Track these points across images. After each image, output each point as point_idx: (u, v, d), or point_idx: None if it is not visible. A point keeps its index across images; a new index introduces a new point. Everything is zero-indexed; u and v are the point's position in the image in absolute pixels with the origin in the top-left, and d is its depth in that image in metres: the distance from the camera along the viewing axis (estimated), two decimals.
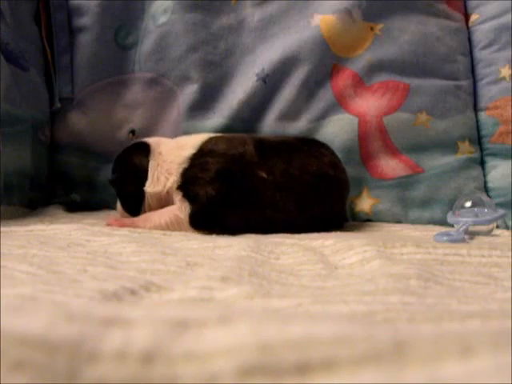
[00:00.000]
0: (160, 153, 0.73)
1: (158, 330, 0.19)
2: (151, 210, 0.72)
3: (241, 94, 0.90)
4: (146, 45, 0.94)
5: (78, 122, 0.95)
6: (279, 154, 0.69)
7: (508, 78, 0.88)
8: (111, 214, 0.83)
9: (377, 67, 0.88)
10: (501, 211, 0.70)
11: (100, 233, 0.56)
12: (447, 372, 0.17)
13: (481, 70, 0.91)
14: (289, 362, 0.18)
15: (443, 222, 0.77)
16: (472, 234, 0.64)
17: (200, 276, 0.36)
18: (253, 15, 0.93)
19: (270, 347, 0.18)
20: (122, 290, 0.31)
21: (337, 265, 0.45)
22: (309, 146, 0.73)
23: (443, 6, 0.92)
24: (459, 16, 0.93)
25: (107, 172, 0.95)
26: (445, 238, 0.57)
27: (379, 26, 0.90)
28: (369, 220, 0.87)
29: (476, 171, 0.87)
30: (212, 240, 0.54)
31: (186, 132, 0.90)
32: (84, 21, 0.94)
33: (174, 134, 0.91)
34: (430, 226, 0.80)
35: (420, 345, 0.18)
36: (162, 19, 0.93)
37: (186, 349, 0.18)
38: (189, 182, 0.68)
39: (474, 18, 0.93)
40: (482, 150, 0.89)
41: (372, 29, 0.89)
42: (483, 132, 0.89)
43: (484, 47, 0.91)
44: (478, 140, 0.89)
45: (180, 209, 0.67)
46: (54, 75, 0.94)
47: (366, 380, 0.17)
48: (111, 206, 0.95)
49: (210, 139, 0.72)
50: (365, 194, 0.87)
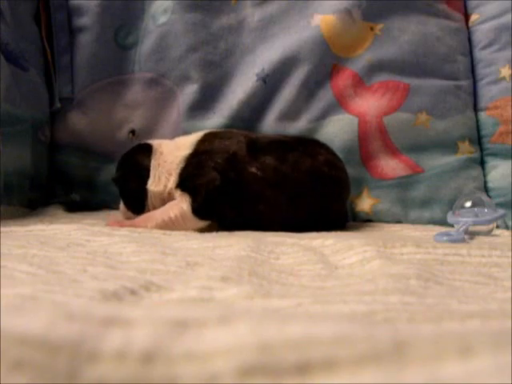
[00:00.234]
0: (161, 153, 0.75)
1: (158, 330, 0.19)
2: (154, 209, 0.73)
3: (241, 93, 0.90)
4: (146, 45, 0.94)
5: (78, 122, 0.95)
6: (272, 151, 0.71)
7: (508, 78, 0.88)
8: (111, 214, 0.83)
9: (377, 67, 0.88)
10: (501, 211, 0.70)
11: (100, 233, 0.56)
12: (447, 372, 0.17)
13: (481, 70, 0.91)
14: (289, 362, 0.18)
15: (443, 222, 0.77)
16: (472, 234, 0.64)
17: (200, 276, 0.36)
18: (253, 15, 0.93)
19: (270, 347, 0.18)
20: (122, 289, 0.31)
21: (337, 265, 0.45)
22: (305, 146, 0.74)
23: (443, 6, 0.92)
24: (459, 16, 0.93)
25: (107, 172, 0.95)
26: (445, 238, 0.57)
27: (379, 26, 0.90)
28: (369, 220, 0.87)
29: (476, 171, 0.87)
30: (212, 240, 0.54)
31: (186, 132, 0.90)
32: (84, 21, 0.94)
33: (174, 134, 0.91)
34: (430, 226, 0.80)
35: (420, 345, 0.18)
36: (162, 19, 0.93)
37: (186, 349, 0.18)
38: (186, 180, 0.71)
39: (474, 18, 0.93)
40: (481, 149, 0.89)
41: (372, 29, 0.89)
42: (483, 132, 0.89)
43: (484, 47, 0.91)
44: (478, 140, 0.89)
45: (181, 201, 0.69)
46: (54, 75, 0.94)
47: (366, 380, 0.17)
48: (111, 206, 0.95)
49: (204, 138, 0.75)
50: (365, 194, 0.87)
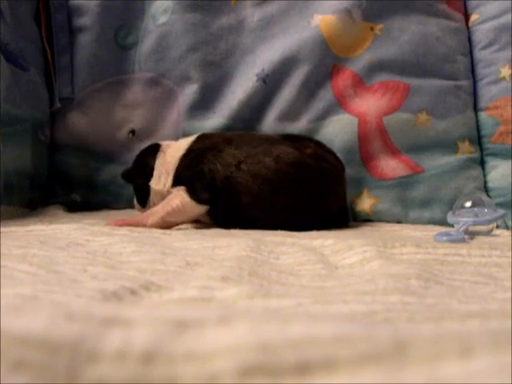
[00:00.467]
0: (165, 153, 0.79)
1: (158, 330, 0.19)
2: (155, 206, 0.75)
3: (241, 94, 0.90)
4: (146, 45, 0.94)
5: (78, 122, 0.95)
6: (257, 145, 0.73)
7: (508, 78, 0.88)
8: (111, 214, 0.83)
9: (377, 67, 0.88)
10: (501, 211, 0.70)
11: (100, 233, 0.56)
12: (447, 372, 0.17)
13: (481, 70, 0.91)
14: (289, 362, 0.18)
15: (443, 222, 0.77)
16: (472, 234, 0.64)
17: (200, 276, 0.36)
18: (253, 15, 0.93)
19: (270, 347, 0.18)
20: (122, 289, 0.31)
21: (337, 265, 0.45)
22: (292, 141, 0.74)
23: (443, 6, 0.92)
24: (459, 16, 0.93)
25: (107, 172, 0.95)
26: (445, 238, 0.57)
27: (379, 26, 0.89)
28: (369, 220, 0.87)
29: (476, 171, 0.87)
30: (212, 240, 0.54)
31: (186, 132, 0.90)
32: (84, 21, 0.94)
33: (175, 134, 0.91)
34: (430, 226, 0.80)
35: (420, 345, 0.18)
36: (162, 19, 0.93)
37: (186, 349, 0.18)
38: (180, 176, 0.75)
39: (474, 18, 0.93)
40: (481, 149, 0.89)
41: (372, 29, 0.89)
42: (483, 132, 0.89)
43: (484, 47, 0.91)
44: (477, 140, 0.89)
45: (178, 192, 0.72)
46: (54, 75, 0.94)
47: (366, 380, 0.17)
48: (111, 206, 0.95)
49: (197, 139, 0.78)
50: (365, 194, 0.87)
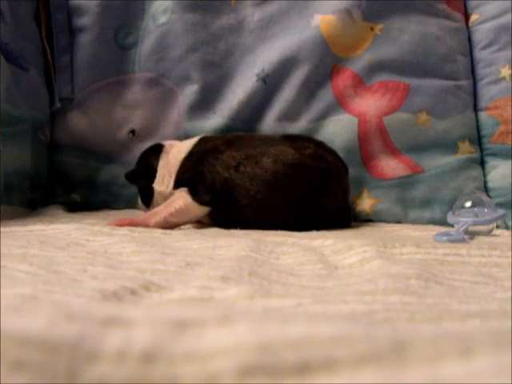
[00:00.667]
0: (168, 154, 0.79)
1: (158, 330, 0.19)
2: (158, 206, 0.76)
3: (241, 94, 0.90)
4: (146, 45, 0.94)
5: (78, 122, 0.95)
6: (256, 147, 0.73)
7: (508, 78, 0.88)
8: (111, 214, 0.83)
9: (377, 67, 0.88)
10: (501, 211, 0.70)
11: (100, 233, 0.56)
12: (447, 372, 0.17)
13: (481, 70, 0.91)
14: (289, 361, 0.18)
15: (443, 222, 0.77)
16: (472, 234, 0.64)
17: (200, 276, 0.36)
18: (253, 15, 0.92)
19: (270, 347, 0.18)
20: (122, 289, 0.31)
21: (337, 265, 0.45)
22: (291, 141, 0.74)
23: (443, 6, 0.92)
24: (459, 16, 0.93)
25: (107, 172, 0.95)
26: (445, 238, 0.57)
27: (379, 26, 0.89)
28: (369, 220, 0.87)
29: (476, 171, 0.87)
30: (212, 240, 0.54)
31: (187, 132, 0.91)
32: (84, 21, 0.94)
33: (175, 134, 0.91)
34: (430, 226, 0.80)
35: (420, 345, 0.18)
36: (162, 19, 0.93)
37: (186, 349, 0.18)
38: (181, 178, 0.75)
39: (474, 18, 0.93)
40: (481, 150, 0.89)
41: (372, 29, 0.89)
42: (483, 132, 0.89)
43: (484, 47, 0.91)
44: (477, 140, 0.89)
45: (181, 193, 0.72)
46: (54, 75, 0.94)
47: (366, 380, 0.17)
48: (111, 206, 0.95)
49: (198, 142, 0.79)
50: (365, 194, 0.87)
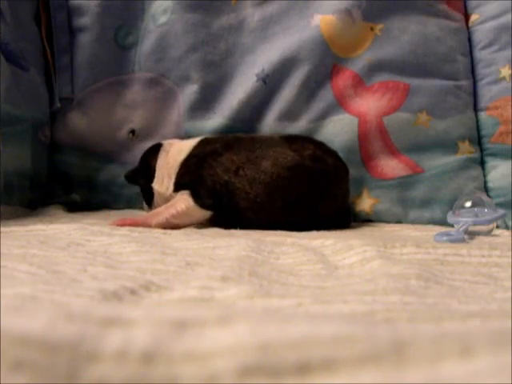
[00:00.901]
0: (167, 154, 0.79)
1: (158, 330, 0.19)
2: (157, 207, 0.75)
3: (241, 94, 0.90)
4: (146, 45, 0.94)
5: (78, 122, 0.95)
6: (255, 149, 0.73)
7: (508, 78, 0.88)
8: (111, 214, 0.83)
9: (377, 67, 0.88)
10: (501, 211, 0.70)
11: (100, 232, 0.56)
12: (447, 372, 0.17)
13: (481, 70, 0.91)
14: (289, 361, 0.18)
15: (443, 222, 0.77)
16: (472, 234, 0.64)
17: (200, 276, 0.36)
18: (253, 15, 0.92)
19: (270, 347, 0.18)
20: (122, 289, 0.31)
21: (337, 265, 0.45)
22: (291, 143, 0.74)
23: (443, 6, 0.92)
24: (459, 16, 0.93)
25: (107, 172, 0.95)
26: (445, 238, 0.57)
27: (379, 26, 0.89)
28: (369, 220, 0.87)
29: (476, 171, 0.87)
30: (212, 240, 0.54)
31: (187, 132, 0.91)
32: (84, 21, 0.94)
33: (175, 135, 0.91)
34: (430, 226, 0.80)
35: (420, 345, 0.18)
36: (162, 19, 0.93)
37: (186, 349, 0.18)
38: (181, 181, 0.75)
39: (474, 18, 0.93)
40: (481, 150, 0.89)
41: (372, 29, 0.89)
42: (483, 132, 0.89)
43: (484, 47, 0.91)
44: (478, 140, 0.89)
45: (183, 196, 0.71)
46: (54, 75, 0.94)
47: (366, 380, 0.17)
48: (111, 206, 0.95)
49: (198, 144, 0.78)
50: (365, 194, 0.87)
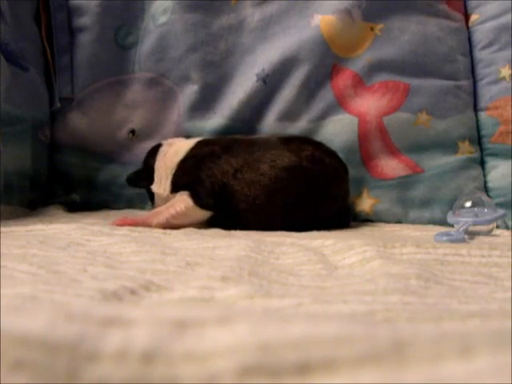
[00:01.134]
0: (165, 154, 0.78)
1: (158, 330, 0.19)
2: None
3: (241, 94, 0.90)
4: (146, 45, 0.94)
5: (78, 122, 0.95)
6: (253, 152, 0.73)
7: (508, 78, 0.88)
8: (111, 214, 0.83)
9: (377, 67, 0.88)
10: (501, 211, 0.70)
11: (100, 232, 0.56)
12: (447, 372, 0.17)
13: (481, 70, 0.91)
14: (289, 362, 0.18)
15: (443, 222, 0.77)
16: (472, 234, 0.64)
17: (200, 276, 0.36)
18: (253, 15, 0.92)
19: (270, 347, 0.18)
20: (122, 289, 0.31)
21: (337, 265, 0.45)
22: (289, 144, 0.74)
23: (443, 6, 0.92)
24: (459, 16, 0.93)
25: (107, 172, 0.95)
26: (445, 238, 0.57)
27: (379, 26, 0.89)
28: (369, 220, 0.87)
29: (476, 171, 0.87)
30: (212, 240, 0.54)
31: (187, 132, 0.91)
32: (84, 21, 0.94)
33: (176, 135, 0.91)
34: (430, 226, 0.80)
35: (420, 345, 0.18)
36: (162, 19, 0.93)
37: (186, 349, 0.18)
38: (177, 184, 0.74)
39: (474, 18, 0.93)
40: (481, 150, 0.89)
41: (372, 29, 0.89)
42: (483, 132, 0.89)
43: (484, 47, 0.91)
44: (478, 140, 0.89)
45: (183, 196, 0.71)
46: (54, 75, 0.94)
47: (366, 380, 0.17)
48: (111, 206, 0.95)
49: (195, 145, 0.77)
50: (365, 194, 0.87)
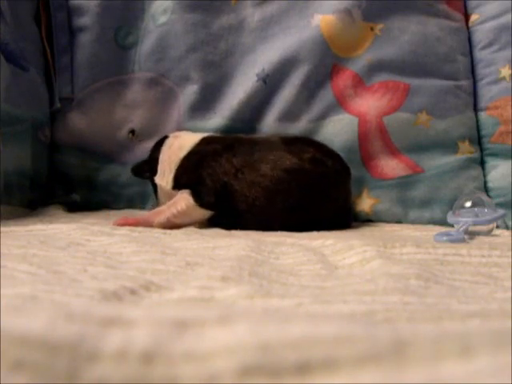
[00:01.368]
0: (170, 147, 0.79)
1: (158, 330, 0.19)
2: (160, 203, 0.77)
3: (241, 94, 0.90)
4: (146, 45, 0.94)
5: (78, 122, 0.95)
6: (255, 152, 0.73)
7: (508, 78, 0.88)
8: (111, 214, 0.83)
9: (377, 67, 0.88)
10: (501, 211, 0.70)
11: (100, 232, 0.56)
12: (447, 372, 0.17)
13: (481, 70, 0.91)
14: (289, 361, 0.18)
15: (443, 222, 0.77)
16: (472, 234, 0.64)
17: (200, 276, 0.36)
18: (253, 15, 0.92)
19: (270, 347, 0.18)
20: (122, 289, 0.31)
21: (337, 265, 0.45)
22: (291, 145, 0.74)
23: (443, 6, 0.92)
24: (459, 16, 0.93)
25: (107, 172, 0.95)
26: (445, 238, 0.57)
27: (379, 26, 0.89)
28: (369, 220, 0.87)
29: (476, 171, 0.87)
30: (212, 240, 0.54)
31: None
32: (84, 21, 0.94)
33: None
34: (430, 226, 0.80)
35: (420, 345, 0.18)
36: (162, 19, 0.93)
37: (186, 349, 0.18)
38: (179, 181, 0.75)
39: (474, 18, 0.93)
40: (482, 150, 0.89)
41: (372, 29, 0.89)
42: (483, 132, 0.89)
43: (484, 47, 0.91)
44: (478, 140, 0.89)
45: (184, 194, 0.71)
46: (54, 75, 0.94)
47: (366, 380, 0.17)
48: (111, 206, 0.95)
49: (200, 142, 0.78)
50: (365, 194, 0.87)
